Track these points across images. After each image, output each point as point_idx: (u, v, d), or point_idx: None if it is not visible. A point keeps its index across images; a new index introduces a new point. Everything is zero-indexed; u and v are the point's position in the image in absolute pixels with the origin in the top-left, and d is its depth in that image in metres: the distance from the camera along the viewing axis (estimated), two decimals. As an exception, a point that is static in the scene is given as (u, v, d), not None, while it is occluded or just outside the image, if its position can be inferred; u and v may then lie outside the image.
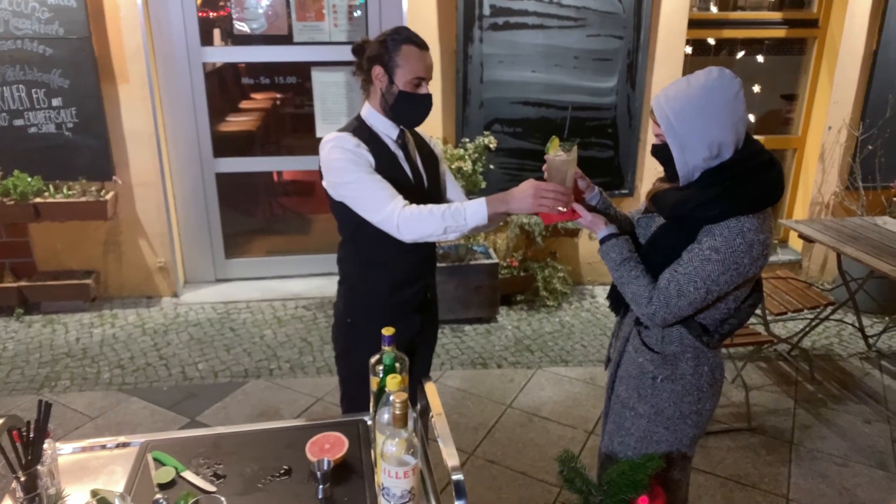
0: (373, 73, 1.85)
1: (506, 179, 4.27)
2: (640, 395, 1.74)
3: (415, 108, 1.88)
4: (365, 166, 1.82)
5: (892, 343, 3.93)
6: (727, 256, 1.50)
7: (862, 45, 4.31)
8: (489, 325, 4.02)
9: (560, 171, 1.66)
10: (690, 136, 1.52)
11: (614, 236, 1.69)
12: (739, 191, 1.51)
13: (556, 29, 4.01)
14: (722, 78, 1.50)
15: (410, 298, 2.02)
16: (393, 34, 1.83)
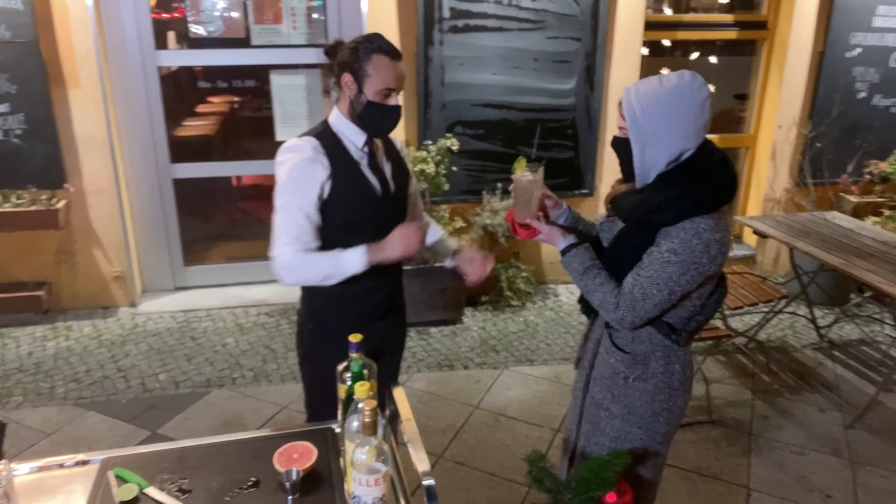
0: (342, 79, 1.82)
1: (469, 181, 4.28)
2: (614, 395, 1.77)
3: (383, 118, 1.85)
4: (300, 192, 1.80)
5: (842, 333, 4.08)
6: (686, 257, 1.53)
7: (809, 47, 4.46)
8: (455, 326, 4.03)
9: (526, 191, 1.69)
10: (653, 134, 1.54)
11: (573, 246, 1.70)
12: (693, 193, 1.54)
13: (515, 31, 4.05)
14: (693, 83, 1.52)
15: (374, 305, 2.00)
16: (365, 42, 1.79)
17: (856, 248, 3.31)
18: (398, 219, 2.03)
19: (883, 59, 4.53)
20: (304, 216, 1.83)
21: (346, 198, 1.86)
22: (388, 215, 1.95)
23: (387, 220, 1.95)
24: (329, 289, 1.97)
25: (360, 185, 1.87)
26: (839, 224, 3.71)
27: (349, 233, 1.91)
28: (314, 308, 2.02)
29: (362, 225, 1.91)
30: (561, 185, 4.41)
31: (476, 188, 4.29)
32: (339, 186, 1.84)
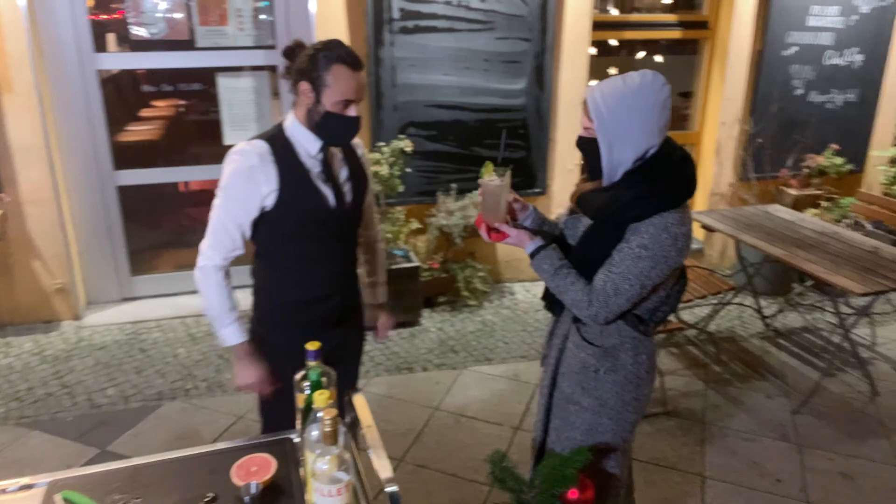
0: (299, 87, 1.77)
1: (423, 182, 4.27)
2: (584, 388, 1.79)
3: (340, 129, 1.81)
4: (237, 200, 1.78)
5: (786, 322, 4.23)
6: (656, 252, 1.58)
7: (748, 46, 4.62)
8: (413, 328, 4.01)
9: (494, 195, 1.71)
10: (620, 133, 1.57)
11: (542, 248, 1.72)
12: (660, 189, 1.59)
13: (465, 32, 4.06)
14: (655, 82, 1.56)
15: (326, 313, 1.97)
16: (325, 50, 1.73)
17: (797, 240, 3.44)
18: (352, 228, 2.01)
19: (817, 57, 4.72)
20: (235, 225, 1.82)
21: (293, 208, 1.82)
22: (341, 225, 1.92)
23: (340, 229, 1.93)
24: (280, 297, 1.94)
25: (309, 195, 1.83)
26: (781, 217, 3.85)
27: (300, 241, 1.88)
28: (264, 315, 1.98)
29: (313, 234, 1.88)
30: (514, 185, 4.41)
31: (431, 189, 4.28)
32: (285, 196, 1.80)
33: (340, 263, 1.97)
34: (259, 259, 1.96)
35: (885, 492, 2.73)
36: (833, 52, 4.73)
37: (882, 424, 3.18)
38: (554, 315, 1.92)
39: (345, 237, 1.98)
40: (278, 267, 1.92)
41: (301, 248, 1.88)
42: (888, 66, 4.89)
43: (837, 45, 4.72)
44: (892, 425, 3.17)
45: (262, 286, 1.98)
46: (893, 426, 3.16)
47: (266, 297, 1.97)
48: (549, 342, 1.95)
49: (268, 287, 1.96)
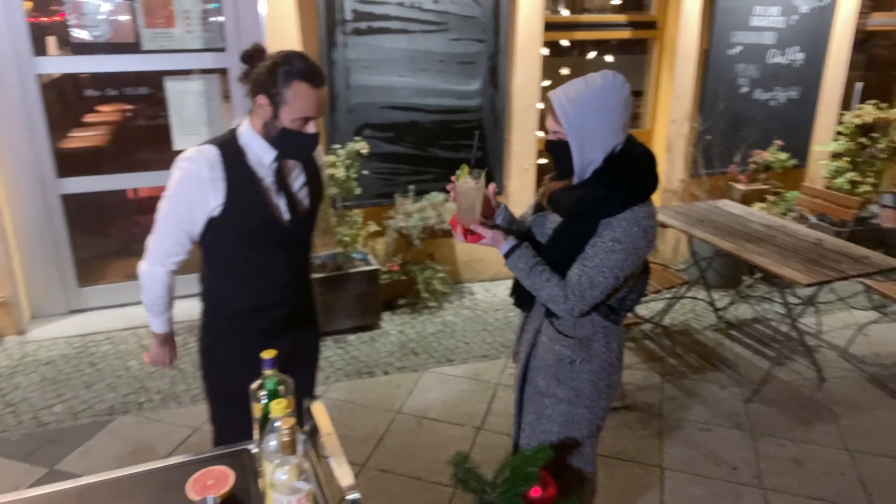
0: (256, 100, 1.71)
1: (381, 184, 4.25)
2: (560, 380, 1.84)
3: (298, 145, 1.76)
4: (182, 207, 1.75)
5: (737, 314, 4.35)
6: (628, 245, 1.65)
7: (696, 45, 4.73)
8: (373, 332, 3.99)
9: (470, 197, 1.73)
10: (590, 134, 1.62)
11: (516, 247, 1.75)
12: (630, 185, 1.67)
13: (419, 33, 4.05)
14: (615, 82, 1.62)
15: (275, 321, 1.92)
16: (285, 64, 1.65)
17: (746, 234, 3.54)
18: (306, 237, 1.98)
19: (761, 56, 4.88)
20: (181, 231, 1.79)
21: (241, 218, 1.78)
22: (293, 236, 1.88)
23: (292, 240, 1.89)
24: (227, 304, 1.90)
25: (258, 207, 1.78)
26: (730, 211, 3.96)
27: (248, 250, 1.84)
28: (212, 323, 1.94)
29: (263, 245, 1.84)
30: (471, 185, 4.45)
31: (388, 191, 4.26)
32: (233, 207, 1.75)
33: (291, 272, 1.93)
34: (207, 265, 1.91)
35: (833, 475, 2.83)
36: (775, 50, 4.89)
37: (830, 410, 3.29)
38: (524, 311, 1.95)
39: (297, 246, 1.94)
40: (226, 274, 1.88)
41: (249, 257, 1.84)
42: (827, 64, 5.08)
43: (779, 44, 4.88)
44: (840, 410, 3.29)
45: (209, 293, 1.93)
46: (840, 411, 3.28)
47: (213, 304, 1.93)
48: (520, 338, 1.98)
49: (215, 294, 1.92)
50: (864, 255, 3.23)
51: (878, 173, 5.27)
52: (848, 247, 3.35)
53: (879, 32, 5.58)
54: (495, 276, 4.80)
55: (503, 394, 3.38)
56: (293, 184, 1.87)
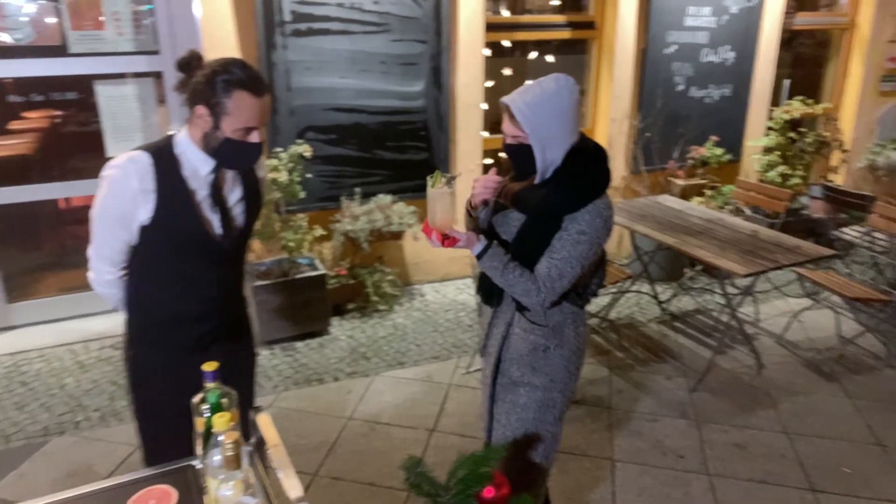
0: (195, 110, 1.63)
1: (326, 188, 4.19)
2: (535, 368, 1.90)
3: (241, 155, 1.70)
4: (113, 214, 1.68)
5: (680, 306, 4.48)
6: (592, 236, 1.75)
7: (633, 45, 4.85)
8: (322, 338, 3.93)
9: (444, 203, 1.76)
10: (550, 135, 1.70)
11: (488, 247, 1.80)
12: (590, 181, 1.77)
13: (360, 34, 4.01)
14: (568, 84, 1.70)
15: (203, 335, 1.85)
16: (224, 73, 1.58)
17: (686, 227, 3.65)
18: (239, 252, 1.91)
19: (695, 55, 5.03)
20: (116, 239, 1.73)
21: (169, 231, 1.71)
22: (225, 251, 1.81)
23: (224, 255, 1.82)
24: (152, 315, 1.83)
25: (189, 221, 1.71)
26: (670, 206, 4.07)
27: (176, 263, 1.77)
28: (134, 335, 1.87)
29: (192, 259, 1.77)
30: (418, 187, 4.45)
31: (334, 194, 4.21)
32: (162, 218, 1.68)
33: (221, 286, 1.86)
34: (133, 273, 1.81)
35: (774, 458, 2.94)
36: (708, 49, 5.05)
37: (769, 395, 3.42)
38: (491, 307, 2.00)
39: (229, 261, 1.87)
40: (153, 284, 1.80)
41: (178, 269, 1.77)
42: (756, 62, 5.28)
43: (712, 43, 5.04)
44: (778, 395, 3.42)
45: (134, 302, 1.84)
46: (779, 396, 3.41)
47: (138, 314, 1.85)
48: (489, 333, 2.02)
49: (141, 303, 1.83)
50: (797, 245, 3.37)
51: (806, 166, 5.51)
52: (781, 237, 3.49)
53: (804, 31, 5.84)
54: (445, 277, 4.80)
55: (456, 394, 3.38)
56: (229, 198, 1.79)
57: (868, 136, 5.95)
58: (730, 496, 2.70)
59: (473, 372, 3.58)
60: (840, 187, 5.12)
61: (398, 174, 4.38)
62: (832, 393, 3.45)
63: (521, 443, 2.00)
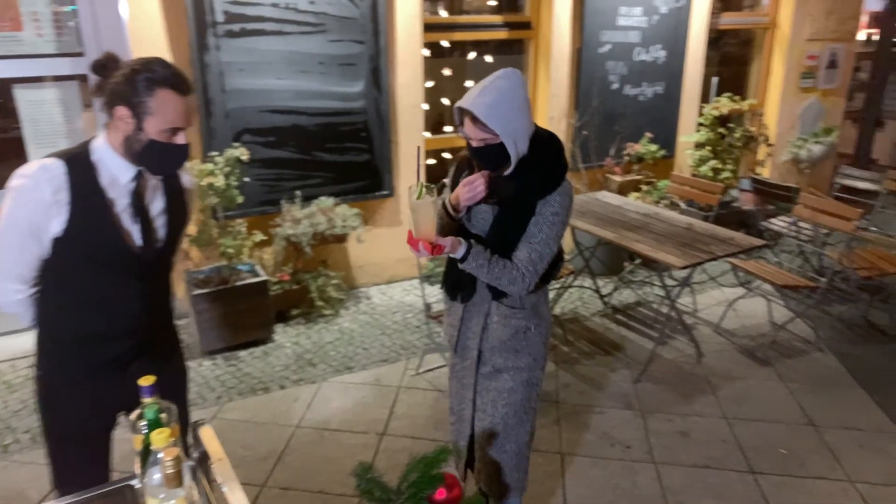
0: (115, 111, 1.55)
1: (265, 191, 4.10)
2: (518, 351, 1.99)
3: (167, 158, 1.61)
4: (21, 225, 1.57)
5: (621, 299, 4.59)
6: (564, 215, 1.87)
7: (568, 45, 4.93)
8: (266, 346, 3.84)
9: (429, 213, 1.77)
10: (520, 129, 1.78)
11: (470, 248, 1.82)
12: (557, 166, 1.87)
13: (296, 35, 3.94)
14: (517, 76, 1.78)
15: (121, 354, 1.74)
16: (145, 71, 1.51)
17: (624, 222, 3.73)
18: (163, 265, 1.80)
19: (628, 54, 5.16)
20: (24, 254, 1.62)
21: (83, 244, 1.61)
22: (145, 265, 1.71)
23: (145, 269, 1.72)
24: (62, 334, 1.71)
25: (107, 232, 1.61)
26: (608, 202, 4.16)
27: (91, 277, 1.67)
28: (47, 351, 1.75)
29: (109, 274, 1.67)
30: (360, 189, 4.40)
31: (274, 198, 4.12)
32: (75, 231, 1.58)
33: (143, 302, 1.74)
34: (46, 286, 1.69)
35: (715, 443, 3.04)
36: (641, 48, 5.19)
37: (709, 382, 3.54)
38: (460, 302, 2.02)
39: (151, 275, 1.76)
40: (67, 299, 1.69)
41: (93, 286, 1.66)
42: (686, 61, 5.46)
43: (644, 42, 5.18)
44: (717, 382, 3.55)
45: (46, 317, 1.72)
46: (718, 382, 3.54)
47: (50, 331, 1.73)
48: (462, 328, 2.04)
49: (53, 319, 1.72)
50: (731, 236, 3.50)
51: (736, 160, 5.74)
52: (715, 230, 3.61)
53: (729, 31, 6.08)
54: (391, 279, 4.77)
55: (406, 396, 3.36)
56: (151, 207, 1.70)
57: (791, 130, 6.24)
58: (675, 483, 2.78)
59: (423, 373, 3.56)
60: (767, 180, 5.35)
61: (340, 176, 4.32)
62: (767, 377, 3.59)
63: (514, 426, 2.07)
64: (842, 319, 4.26)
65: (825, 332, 4.06)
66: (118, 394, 1.71)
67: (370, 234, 4.48)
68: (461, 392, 2.11)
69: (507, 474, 2.09)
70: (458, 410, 2.14)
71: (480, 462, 2.11)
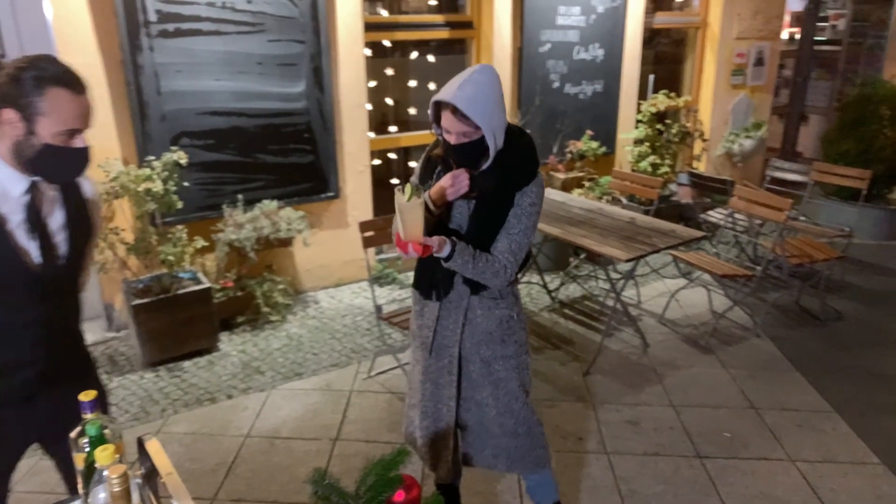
0: (1, 115, 1.42)
1: (205, 196, 3.98)
2: (504, 340, 2.03)
3: (65, 164, 1.48)
4: None
5: (568, 293, 4.66)
6: (539, 205, 1.92)
7: (510, 44, 4.98)
8: (211, 355, 3.72)
9: (417, 214, 1.77)
10: (496, 123, 1.81)
11: (453, 246, 1.84)
12: (532, 156, 1.92)
13: (234, 35, 3.84)
14: (492, 71, 1.81)
15: (23, 384, 1.59)
16: (33, 69, 1.40)
17: (569, 218, 3.80)
18: (66, 288, 1.64)
19: (568, 53, 5.25)
20: None
21: None
22: (47, 285, 1.56)
23: (45, 291, 1.56)
24: None
25: (0, 251, 1.47)
26: (553, 199, 4.22)
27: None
28: None
29: (9, 297, 1.52)
30: (305, 191, 4.32)
31: (215, 202, 4.00)
32: None
33: (47, 327, 1.59)
34: None
35: (663, 430, 3.12)
36: (580, 47, 5.29)
37: (655, 372, 3.64)
38: (435, 300, 2.02)
39: (55, 296, 1.60)
40: None
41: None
42: (624, 59, 5.60)
43: (582, 41, 5.29)
44: (663, 371, 3.64)
45: None
46: (664, 372, 3.64)
47: None
48: (437, 328, 2.03)
49: None
50: (672, 228, 3.60)
51: (673, 155, 5.92)
52: (657, 223, 3.71)
53: (663, 30, 6.27)
54: (339, 282, 4.71)
55: (358, 400, 3.32)
56: (50, 221, 1.55)
57: (723, 126, 6.49)
58: (627, 471, 2.84)
59: (375, 376, 3.53)
60: (703, 174, 5.54)
61: (284, 178, 4.23)
62: (709, 365, 3.72)
63: (518, 410, 2.10)
64: (776, 306, 4.45)
65: (762, 319, 4.23)
66: (25, 428, 1.61)
67: (317, 236, 4.41)
68: (436, 392, 2.10)
69: (528, 454, 2.15)
70: (433, 412, 2.12)
71: (497, 449, 2.16)
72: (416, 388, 2.16)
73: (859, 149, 5.61)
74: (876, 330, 4.16)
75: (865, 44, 7.50)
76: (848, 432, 3.10)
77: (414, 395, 2.20)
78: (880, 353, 3.86)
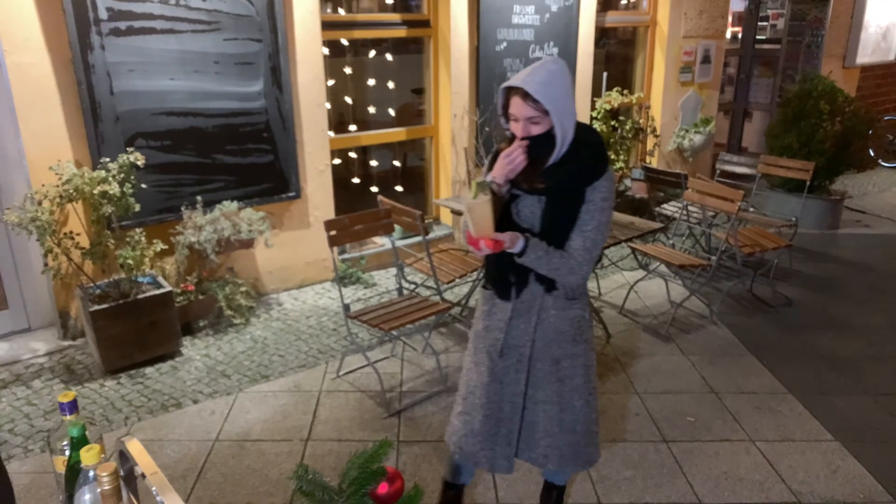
0: None
1: (163, 198, 3.89)
2: (576, 339, 2.00)
3: None
4: None
5: (533, 288, 4.72)
6: (612, 199, 1.88)
7: (467, 42, 5.02)
8: (174, 360, 3.64)
9: (486, 210, 1.75)
10: (566, 112, 1.80)
11: (528, 241, 1.82)
12: (602, 153, 1.89)
13: (188, 33, 3.76)
14: (564, 64, 1.83)
15: None
16: None
17: (533, 214, 3.84)
18: None
19: (524, 51, 5.32)
20: None
21: None
22: None
23: None
24: None
25: None
26: (516, 195, 4.27)
27: None
28: None
29: None
30: (266, 191, 4.27)
31: (173, 205, 3.91)
32: None
33: None
34: None
35: (629, 417, 3.20)
36: (535, 46, 5.37)
37: (618, 361, 3.72)
38: (508, 300, 1.98)
39: None
40: None
41: None
42: (578, 57, 5.70)
43: (537, 39, 5.37)
44: (626, 360, 3.74)
45: None
46: (627, 361, 3.73)
47: None
48: (509, 328, 1.99)
49: None
50: (630, 221, 3.70)
51: (627, 151, 6.07)
52: (615, 216, 3.80)
53: (615, 29, 6.42)
54: (303, 283, 4.66)
55: (328, 400, 3.30)
56: None
57: (674, 122, 6.68)
58: (596, 458, 2.89)
59: (344, 375, 3.51)
60: (657, 168, 5.69)
61: (243, 179, 4.17)
62: (670, 352, 3.83)
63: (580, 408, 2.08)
64: (731, 294, 4.61)
65: (717, 307, 4.38)
66: None
67: (278, 237, 4.35)
68: (501, 391, 2.04)
69: (581, 452, 2.10)
70: (496, 414, 2.06)
71: (551, 447, 2.09)
72: (477, 391, 2.09)
73: (801, 142, 5.86)
74: (823, 314, 4.36)
75: (804, 42, 7.84)
76: (803, 412, 3.24)
77: (470, 400, 2.12)
78: (829, 337, 4.04)
